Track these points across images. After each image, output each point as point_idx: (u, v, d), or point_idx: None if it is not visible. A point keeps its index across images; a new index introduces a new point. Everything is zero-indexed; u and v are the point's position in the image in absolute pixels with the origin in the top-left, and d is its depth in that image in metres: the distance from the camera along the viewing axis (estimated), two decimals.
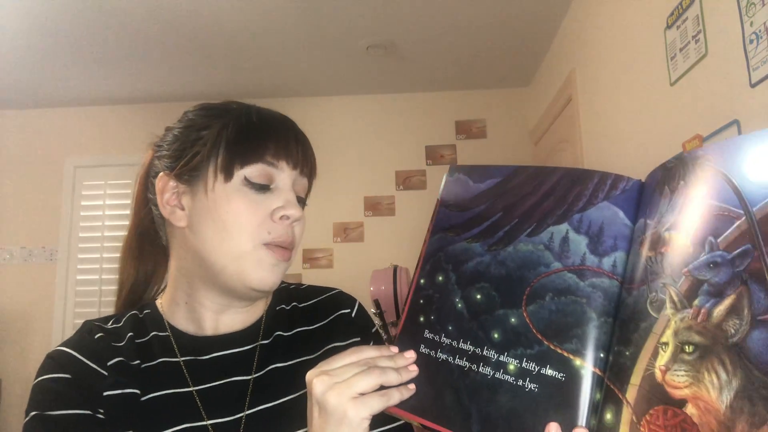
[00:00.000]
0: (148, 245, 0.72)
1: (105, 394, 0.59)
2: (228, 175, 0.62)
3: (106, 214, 3.40)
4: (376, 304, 2.31)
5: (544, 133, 3.05)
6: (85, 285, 3.34)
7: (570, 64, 2.54)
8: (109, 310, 0.72)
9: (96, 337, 0.63)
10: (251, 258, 0.62)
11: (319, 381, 0.48)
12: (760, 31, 1.13)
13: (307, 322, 0.72)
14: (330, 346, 0.70)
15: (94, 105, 3.51)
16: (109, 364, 0.61)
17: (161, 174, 0.66)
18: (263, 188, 0.63)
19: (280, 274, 0.65)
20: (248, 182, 0.62)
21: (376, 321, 2.26)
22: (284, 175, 0.65)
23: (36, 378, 0.60)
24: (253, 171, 0.63)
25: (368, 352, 0.51)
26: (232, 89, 3.30)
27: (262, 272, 0.62)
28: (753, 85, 1.16)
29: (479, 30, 2.71)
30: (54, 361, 0.61)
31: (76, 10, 2.42)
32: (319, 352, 0.69)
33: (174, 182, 0.65)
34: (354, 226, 3.37)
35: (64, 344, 0.63)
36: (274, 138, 0.64)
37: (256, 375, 0.66)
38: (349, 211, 3.39)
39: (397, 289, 2.41)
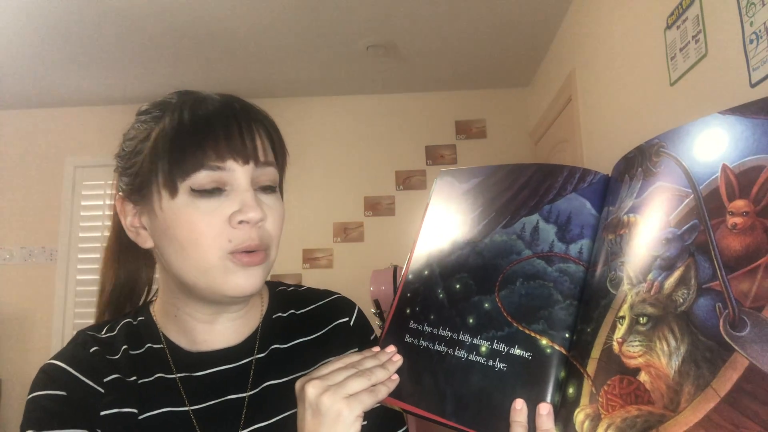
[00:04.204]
0: (129, 247, 0.68)
1: (102, 413, 0.58)
2: (173, 191, 0.56)
3: (106, 214, 3.40)
4: (376, 304, 2.31)
5: (544, 133, 3.04)
6: (85, 285, 3.34)
7: (570, 64, 2.54)
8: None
9: (91, 350, 0.61)
10: (218, 269, 0.57)
11: (312, 385, 0.50)
12: (760, 31, 1.13)
13: (305, 331, 0.70)
14: (327, 361, 0.69)
15: (94, 105, 3.51)
16: (105, 380, 0.59)
17: (118, 196, 0.62)
18: (214, 193, 0.56)
19: (258, 276, 0.59)
20: (195, 192, 0.56)
21: (376, 321, 2.26)
22: (237, 175, 0.57)
23: (30, 393, 0.58)
24: (197, 180, 0.56)
25: (353, 357, 0.54)
26: (231, 89, 3.29)
27: (235, 280, 0.57)
28: (753, 85, 1.16)
29: (479, 30, 2.71)
30: (48, 376, 0.58)
31: (76, 10, 2.42)
32: (314, 368, 0.67)
33: (130, 204, 0.62)
34: (354, 226, 3.37)
35: (57, 357, 0.60)
36: (212, 137, 0.56)
37: (251, 392, 0.64)
38: (349, 211, 3.39)
39: (397, 289, 2.40)
